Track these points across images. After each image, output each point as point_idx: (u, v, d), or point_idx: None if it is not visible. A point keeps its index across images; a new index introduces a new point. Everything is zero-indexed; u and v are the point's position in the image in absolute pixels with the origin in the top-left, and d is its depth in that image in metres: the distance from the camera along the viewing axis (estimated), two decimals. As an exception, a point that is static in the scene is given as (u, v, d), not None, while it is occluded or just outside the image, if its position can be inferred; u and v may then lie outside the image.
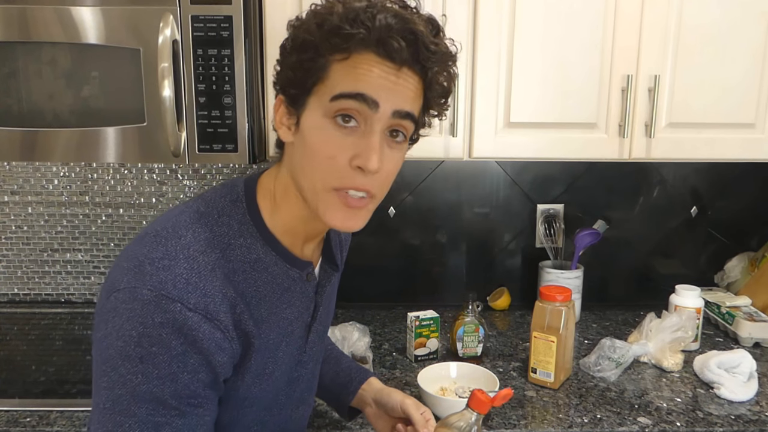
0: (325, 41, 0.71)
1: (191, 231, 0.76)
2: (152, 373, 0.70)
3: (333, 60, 0.72)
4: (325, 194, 0.75)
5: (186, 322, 0.70)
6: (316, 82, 0.73)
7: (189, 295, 0.71)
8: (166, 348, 0.69)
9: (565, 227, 1.81)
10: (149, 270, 0.71)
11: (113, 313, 0.71)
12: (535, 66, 1.40)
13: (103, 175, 1.75)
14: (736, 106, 1.44)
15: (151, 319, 0.69)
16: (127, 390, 0.70)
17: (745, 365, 1.34)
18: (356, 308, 1.80)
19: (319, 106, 0.73)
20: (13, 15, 1.23)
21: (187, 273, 0.72)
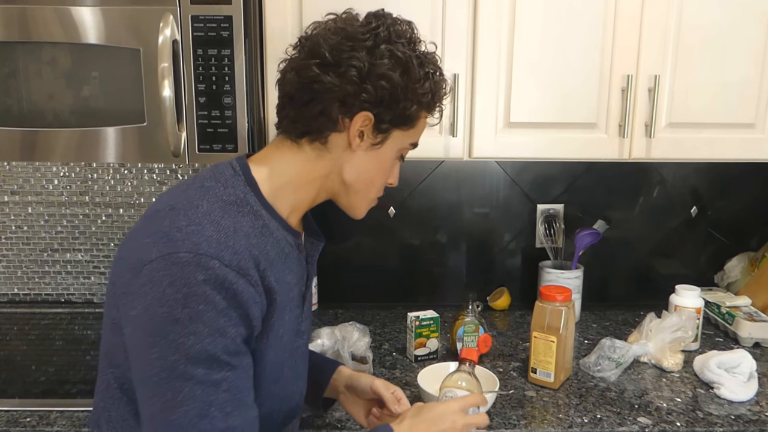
0: (431, 107, 0.93)
1: (205, 201, 0.81)
2: (203, 332, 0.73)
3: (423, 115, 0.93)
4: (371, 202, 0.98)
5: (226, 277, 0.75)
6: (407, 126, 0.91)
7: (223, 252, 0.76)
8: (212, 304, 0.74)
9: (565, 227, 1.81)
10: (179, 236, 0.76)
11: (150, 284, 0.74)
12: (535, 66, 1.40)
13: (103, 175, 1.75)
14: (736, 106, 1.44)
15: (194, 278, 0.73)
16: (181, 354, 0.73)
17: (745, 365, 1.34)
18: (356, 308, 1.80)
19: (399, 142, 0.92)
20: (13, 15, 1.23)
21: (216, 234, 0.77)
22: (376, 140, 0.89)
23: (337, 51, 0.84)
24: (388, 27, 0.86)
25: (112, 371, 0.84)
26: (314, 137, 0.88)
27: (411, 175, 1.79)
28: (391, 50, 0.85)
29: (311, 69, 0.84)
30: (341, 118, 0.86)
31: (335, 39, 0.85)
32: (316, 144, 0.88)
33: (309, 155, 0.89)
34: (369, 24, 0.86)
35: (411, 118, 0.90)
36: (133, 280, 0.76)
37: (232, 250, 0.77)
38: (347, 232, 1.82)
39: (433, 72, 0.90)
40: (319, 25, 0.89)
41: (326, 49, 0.84)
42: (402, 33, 0.88)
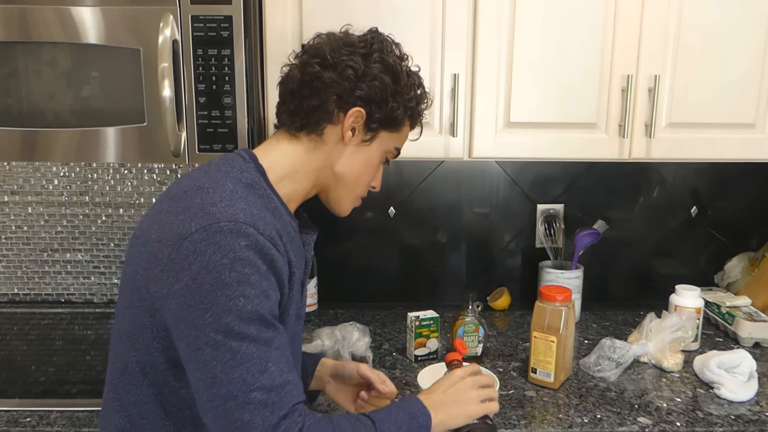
0: (415, 117, 1.04)
1: (229, 181, 0.87)
2: (251, 293, 0.79)
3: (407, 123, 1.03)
4: (356, 200, 1.05)
5: (264, 243, 0.82)
6: (393, 129, 1.00)
7: (258, 222, 0.83)
8: (256, 268, 0.80)
9: (565, 227, 1.81)
10: (215, 210, 0.82)
11: (195, 254, 0.79)
12: (535, 66, 1.40)
13: (103, 175, 1.75)
14: (735, 106, 1.44)
15: (237, 244, 0.79)
16: (234, 315, 0.78)
17: (745, 365, 1.34)
18: (356, 308, 1.80)
19: (385, 143, 1.01)
20: (13, 15, 1.23)
21: (248, 207, 0.84)
22: (366, 137, 0.98)
23: (336, 53, 0.94)
24: (381, 41, 0.98)
25: (134, 354, 0.86)
26: (311, 129, 0.95)
27: (411, 175, 1.79)
28: (382, 58, 0.96)
29: (313, 66, 0.94)
30: (336, 111, 0.95)
31: (335, 44, 0.96)
32: (313, 136, 0.96)
33: (307, 146, 0.97)
34: (364, 38, 0.98)
35: (397, 121, 0.99)
36: (174, 254, 0.80)
37: (264, 222, 0.84)
38: (347, 232, 1.82)
39: (417, 84, 1.02)
40: (320, 36, 1.00)
41: (327, 51, 0.94)
42: (392, 48, 0.99)
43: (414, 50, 1.37)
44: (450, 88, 1.39)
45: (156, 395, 0.87)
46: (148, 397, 0.87)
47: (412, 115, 1.02)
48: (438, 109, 1.40)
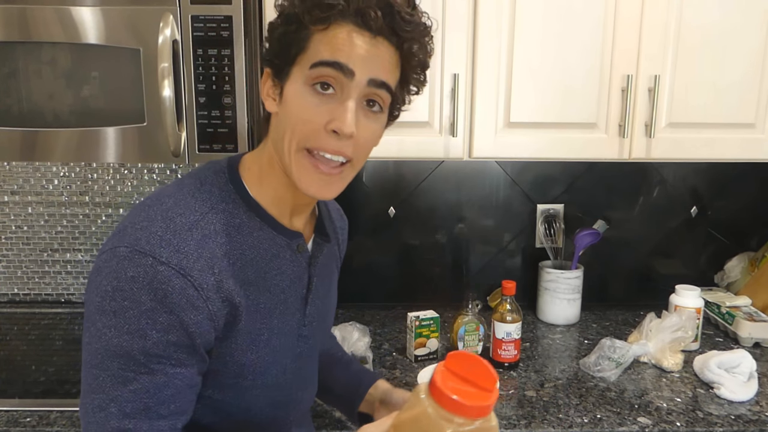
0: (307, 13, 0.75)
1: (173, 198, 0.79)
2: (123, 328, 0.72)
3: (314, 31, 0.76)
4: (297, 155, 0.79)
5: (156, 276, 0.72)
6: (298, 52, 0.77)
7: (161, 249, 0.73)
8: (136, 302, 0.72)
9: (565, 227, 1.81)
10: (129, 231, 0.75)
11: (95, 272, 0.75)
12: (534, 66, 1.40)
13: (103, 175, 1.75)
14: (735, 106, 1.44)
15: (124, 273, 0.72)
16: (102, 344, 0.73)
17: (745, 365, 1.34)
18: (356, 308, 1.80)
19: (300, 75, 0.77)
20: (13, 15, 1.23)
21: (162, 231, 0.75)
22: (277, 90, 0.81)
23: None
24: None
25: None
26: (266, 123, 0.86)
27: (411, 175, 1.79)
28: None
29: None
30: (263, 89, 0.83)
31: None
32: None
33: (263, 143, 0.86)
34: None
35: (294, 43, 0.78)
36: (92, 270, 0.78)
37: (175, 248, 0.74)
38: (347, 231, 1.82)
39: None
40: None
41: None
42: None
43: (414, 50, 1.37)
44: (450, 88, 1.39)
45: None
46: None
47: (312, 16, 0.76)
48: (438, 109, 1.40)
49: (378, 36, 0.76)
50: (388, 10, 0.76)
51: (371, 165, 1.77)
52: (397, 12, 0.76)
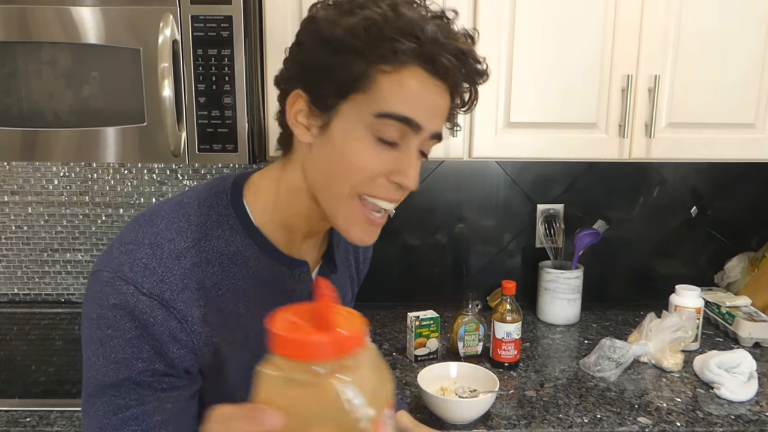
0: (371, 48, 0.66)
1: (166, 220, 0.75)
2: (109, 357, 0.70)
3: (378, 70, 0.67)
4: (349, 202, 0.72)
5: (137, 305, 0.69)
6: (355, 90, 0.68)
7: (144, 279, 0.70)
8: (120, 331, 0.69)
9: (565, 227, 1.81)
10: (115, 253, 0.72)
11: (85, 296, 0.73)
12: (534, 66, 1.40)
13: (103, 175, 1.75)
14: (735, 106, 1.44)
15: (106, 301, 0.69)
16: (93, 373, 0.72)
17: (745, 365, 1.34)
18: (356, 308, 1.79)
19: (358, 117, 0.69)
20: (13, 15, 1.23)
21: (147, 258, 0.71)
22: (321, 122, 0.71)
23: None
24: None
25: None
26: (282, 146, 0.78)
27: (411, 175, 1.79)
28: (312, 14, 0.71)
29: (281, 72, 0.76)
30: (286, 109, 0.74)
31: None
32: (287, 155, 0.78)
33: (279, 167, 0.78)
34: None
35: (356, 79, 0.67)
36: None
37: (159, 278, 0.70)
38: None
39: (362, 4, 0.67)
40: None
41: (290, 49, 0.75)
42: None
43: (414, 50, 1.37)
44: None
45: None
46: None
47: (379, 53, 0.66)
48: (438, 109, 1.40)
49: (446, 85, 0.70)
50: (462, 58, 0.70)
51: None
52: (470, 61, 0.71)
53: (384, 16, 0.65)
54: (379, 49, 0.66)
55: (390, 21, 0.66)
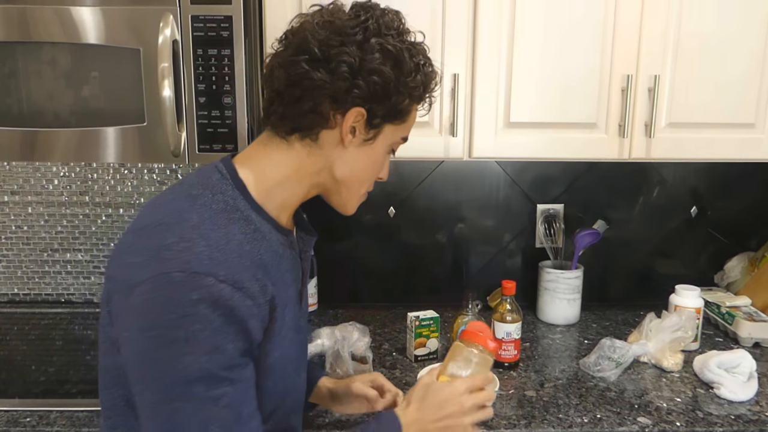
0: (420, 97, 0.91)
1: (194, 213, 0.79)
2: (199, 351, 0.72)
3: (414, 108, 0.92)
4: (362, 197, 0.96)
5: (221, 293, 0.73)
6: (398, 119, 0.89)
7: (216, 268, 0.74)
8: (207, 323, 0.73)
9: (565, 227, 1.81)
10: (169, 255, 0.74)
11: (143, 305, 0.73)
12: (534, 66, 1.40)
13: (103, 175, 1.75)
14: (735, 106, 1.44)
15: (187, 298, 0.72)
16: (178, 375, 0.72)
17: (745, 365, 1.34)
18: (356, 308, 1.80)
19: (391, 136, 0.91)
20: (13, 15, 1.23)
21: (207, 250, 0.75)
22: (369, 136, 0.87)
23: (326, 46, 0.81)
24: (377, 19, 0.84)
25: (116, 389, 0.84)
26: (305, 134, 0.86)
27: (411, 175, 1.79)
28: (381, 44, 0.82)
29: (300, 66, 0.82)
30: (332, 114, 0.84)
31: (324, 34, 0.82)
32: (307, 141, 0.86)
33: (300, 152, 0.87)
34: (358, 17, 0.84)
35: (403, 111, 0.89)
36: (125, 302, 0.75)
37: (226, 265, 0.75)
38: (347, 231, 1.82)
39: (423, 63, 0.88)
40: (305, 18, 0.86)
41: (315, 45, 0.82)
42: (391, 24, 0.85)
43: (414, 50, 1.37)
44: (450, 88, 1.39)
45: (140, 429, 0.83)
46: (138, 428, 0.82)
47: (421, 99, 0.91)
48: (438, 109, 1.40)
49: None
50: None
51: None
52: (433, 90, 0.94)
53: (431, 75, 0.90)
54: (424, 99, 0.92)
55: (431, 79, 0.91)
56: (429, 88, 0.91)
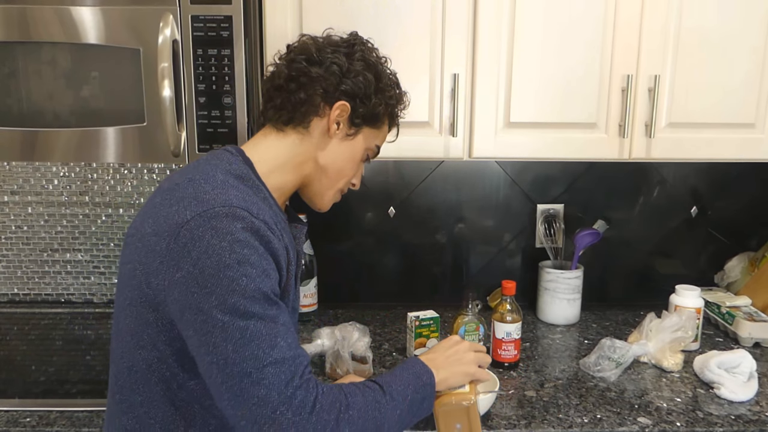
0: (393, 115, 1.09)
1: (219, 172, 0.90)
2: (252, 272, 0.81)
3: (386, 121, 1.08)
4: (336, 194, 1.08)
5: (259, 226, 0.84)
6: (376, 124, 1.05)
7: (251, 207, 0.85)
8: (254, 248, 0.82)
9: (565, 227, 1.81)
10: (209, 197, 0.84)
11: (192, 241, 0.80)
12: (535, 66, 1.40)
13: (103, 175, 1.75)
14: (735, 106, 1.44)
15: (234, 227, 0.81)
16: (239, 294, 0.79)
17: (745, 365, 1.34)
18: (356, 308, 1.80)
19: (368, 140, 1.05)
20: (13, 15, 1.23)
21: (240, 195, 0.87)
22: (350, 132, 1.02)
23: (322, 52, 0.99)
24: (362, 43, 1.03)
25: (139, 352, 0.87)
26: (298, 122, 0.99)
27: (411, 175, 1.79)
28: (364, 56, 1.01)
29: (300, 63, 0.99)
30: (323, 105, 0.99)
31: (320, 44, 1.01)
32: (300, 129, 1.00)
33: (293, 139, 1.00)
34: (347, 41, 1.03)
35: (379, 117, 1.04)
36: (172, 244, 0.81)
37: (257, 207, 0.86)
38: (347, 232, 1.82)
39: (397, 83, 1.08)
40: (304, 37, 1.05)
41: (313, 50, 0.99)
42: (372, 49, 1.05)
43: (414, 50, 1.37)
44: (450, 88, 1.39)
45: (165, 391, 0.87)
46: (156, 395, 0.87)
47: (392, 114, 1.07)
48: (438, 109, 1.40)
49: None
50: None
51: (371, 165, 1.77)
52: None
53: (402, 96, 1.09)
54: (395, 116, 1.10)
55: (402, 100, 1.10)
56: (401, 101, 1.09)
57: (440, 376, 0.98)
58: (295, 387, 0.80)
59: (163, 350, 0.85)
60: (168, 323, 0.84)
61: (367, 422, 0.85)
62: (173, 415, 0.87)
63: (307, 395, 0.80)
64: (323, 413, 0.81)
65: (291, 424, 0.78)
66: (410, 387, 0.92)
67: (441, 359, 1.02)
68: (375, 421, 0.86)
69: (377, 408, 0.86)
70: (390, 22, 1.36)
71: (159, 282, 0.82)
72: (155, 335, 0.85)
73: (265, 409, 0.77)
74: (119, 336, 0.90)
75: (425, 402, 0.94)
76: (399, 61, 1.37)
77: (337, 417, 0.82)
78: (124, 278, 0.89)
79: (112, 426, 0.92)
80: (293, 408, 0.78)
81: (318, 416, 0.80)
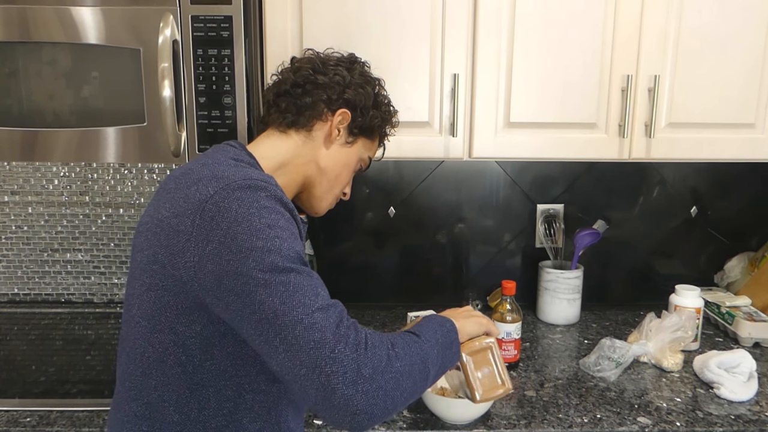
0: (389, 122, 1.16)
1: (231, 159, 0.93)
2: (282, 235, 0.83)
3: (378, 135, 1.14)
4: (333, 200, 1.13)
5: (281, 195, 0.87)
6: (371, 137, 1.12)
7: (269, 180, 0.88)
8: (280, 213, 0.85)
9: (565, 227, 1.81)
10: (228, 173, 0.86)
11: (220, 213, 0.82)
12: (534, 66, 1.40)
13: (103, 175, 1.75)
14: (735, 106, 1.44)
15: (258, 195, 0.84)
16: (275, 253, 0.81)
17: (745, 365, 1.34)
18: (356, 308, 1.80)
19: (362, 150, 1.11)
20: (13, 15, 1.23)
21: (256, 172, 0.89)
22: (348, 139, 1.08)
23: (325, 65, 1.07)
24: (362, 65, 1.11)
25: (156, 336, 0.87)
26: (301, 125, 1.04)
27: (411, 175, 1.79)
28: (363, 72, 1.09)
29: (306, 71, 1.05)
30: (326, 110, 1.04)
31: (323, 58, 1.09)
32: (303, 132, 1.04)
33: (296, 141, 1.04)
34: (348, 57, 1.11)
35: (374, 130, 1.11)
36: (198, 220, 0.82)
37: (274, 183, 0.89)
38: (347, 232, 1.82)
39: (390, 101, 1.15)
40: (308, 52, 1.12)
41: (318, 61, 1.07)
42: (369, 69, 1.13)
43: (414, 50, 1.37)
44: (450, 88, 1.39)
45: (180, 374, 0.87)
46: (171, 378, 0.87)
47: (387, 122, 1.14)
48: (438, 109, 1.40)
49: None
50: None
51: (371, 165, 1.76)
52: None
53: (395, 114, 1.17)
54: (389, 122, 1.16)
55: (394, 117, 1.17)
56: (395, 117, 1.17)
57: (458, 324, 1.02)
58: (346, 327, 0.82)
59: (181, 332, 0.86)
60: (190, 305, 0.84)
61: (414, 357, 0.87)
62: (188, 398, 0.87)
63: (358, 334, 0.83)
64: (376, 349, 0.83)
65: (351, 360, 0.79)
66: (438, 332, 0.95)
67: (453, 315, 1.07)
68: (419, 356, 0.88)
69: (418, 346, 0.89)
70: (390, 22, 1.36)
71: (187, 260, 0.82)
72: (174, 318, 0.85)
73: (324, 350, 0.78)
74: (133, 323, 0.90)
75: (453, 346, 0.98)
76: (399, 60, 1.37)
77: (387, 353, 0.84)
78: (141, 265, 0.89)
79: (120, 413, 0.91)
80: (350, 345, 0.80)
81: (372, 352, 0.82)
